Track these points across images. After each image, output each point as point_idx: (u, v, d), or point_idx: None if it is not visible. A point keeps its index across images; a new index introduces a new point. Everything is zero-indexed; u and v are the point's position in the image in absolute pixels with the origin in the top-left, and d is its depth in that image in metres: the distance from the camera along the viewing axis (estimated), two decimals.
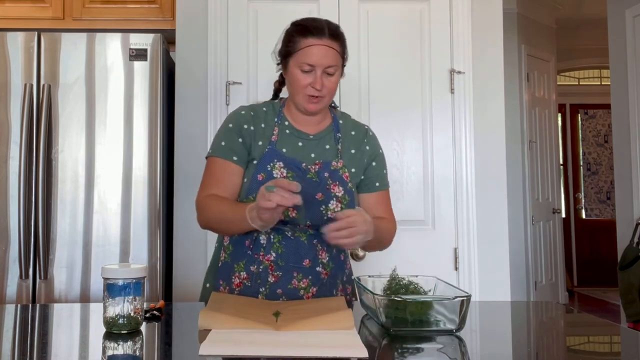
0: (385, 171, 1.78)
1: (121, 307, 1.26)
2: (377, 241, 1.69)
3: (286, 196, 1.36)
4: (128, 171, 2.44)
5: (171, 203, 2.63)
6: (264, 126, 1.68)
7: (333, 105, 1.79)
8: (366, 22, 2.70)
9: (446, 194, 2.66)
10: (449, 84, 2.68)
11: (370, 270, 2.02)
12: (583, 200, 7.76)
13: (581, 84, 7.80)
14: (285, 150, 1.65)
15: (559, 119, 6.84)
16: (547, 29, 5.36)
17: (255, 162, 1.64)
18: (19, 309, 1.62)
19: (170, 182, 2.64)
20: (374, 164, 1.74)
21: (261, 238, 1.62)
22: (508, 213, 2.71)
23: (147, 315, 1.40)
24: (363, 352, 1.10)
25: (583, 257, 7.61)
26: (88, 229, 2.41)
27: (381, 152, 1.78)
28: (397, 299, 1.29)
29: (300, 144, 1.68)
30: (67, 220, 2.41)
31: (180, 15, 2.71)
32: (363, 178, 1.73)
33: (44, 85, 2.43)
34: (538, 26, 5.18)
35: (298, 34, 1.62)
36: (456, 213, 2.65)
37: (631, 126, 3.90)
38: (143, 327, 1.32)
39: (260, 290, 1.60)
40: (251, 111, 1.71)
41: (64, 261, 2.40)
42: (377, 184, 1.74)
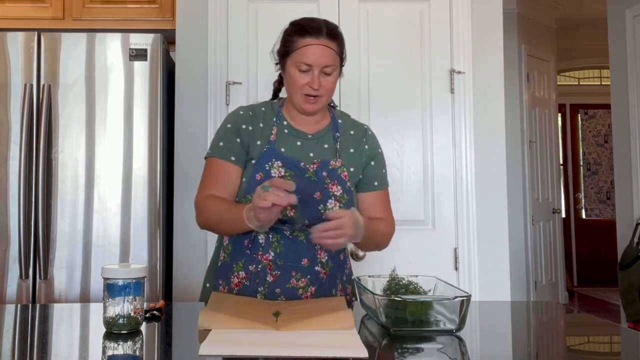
0: (385, 171, 1.77)
1: (121, 307, 1.26)
2: (372, 243, 1.71)
3: (281, 195, 1.37)
4: (128, 171, 2.44)
5: (171, 203, 2.63)
6: (262, 126, 1.69)
7: (332, 105, 1.79)
8: (366, 22, 2.70)
9: (446, 194, 2.66)
10: (449, 84, 2.68)
11: (370, 270, 2.02)
12: (583, 200, 7.76)
13: (581, 84, 7.80)
14: (283, 150, 1.66)
15: (559, 119, 6.84)
16: (547, 29, 5.36)
17: (253, 162, 1.65)
18: (19, 309, 1.62)
19: (170, 182, 2.64)
20: (372, 163, 1.74)
21: (260, 237, 1.62)
22: (508, 213, 2.71)
23: (147, 315, 1.40)
24: (363, 352, 1.10)
25: (583, 257, 7.61)
26: (88, 229, 2.41)
27: (380, 152, 1.78)
28: (397, 299, 1.29)
29: (299, 143, 1.68)
30: (67, 220, 2.41)
31: (180, 15, 2.71)
32: (362, 177, 1.72)
33: (44, 85, 2.43)
34: (538, 26, 5.18)
35: (296, 33, 1.62)
36: (456, 213, 2.65)
37: (631, 126, 3.90)
38: (143, 327, 1.32)
39: (259, 289, 1.61)
40: (250, 111, 1.72)
41: (64, 261, 2.40)
42: (376, 183, 1.74)
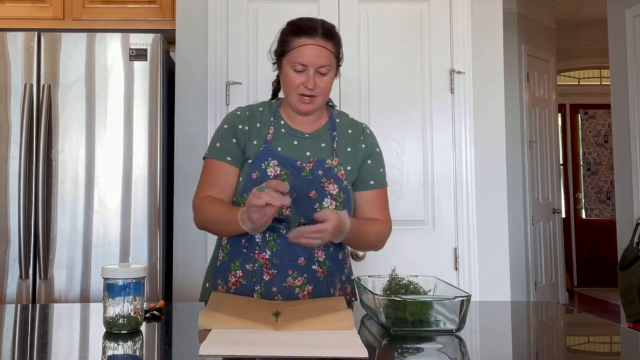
0: (382, 170, 1.76)
1: (121, 307, 1.26)
2: (361, 245, 1.73)
3: (275, 196, 1.39)
4: (128, 171, 2.44)
5: (171, 203, 2.63)
6: (259, 126, 1.70)
7: (331, 105, 1.79)
8: (366, 22, 2.70)
9: (446, 194, 2.66)
10: (449, 84, 2.68)
11: (370, 270, 2.02)
12: (583, 200, 7.76)
13: (581, 84, 7.80)
14: (280, 149, 1.67)
15: (559, 119, 6.84)
16: (547, 29, 5.36)
17: (250, 161, 1.66)
18: (19, 309, 1.62)
19: (170, 182, 2.64)
20: (369, 162, 1.73)
21: (256, 237, 1.63)
22: (508, 213, 2.71)
23: (147, 315, 1.40)
24: (363, 352, 1.10)
25: (583, 257, 7.61)
26: (88, 229, 2.41)
27: (378, 151, 1.77)
28: (397, 299, 1.29)
29: (296, 142, 1.69)
30: (67, 220, 2.41)
31: (180, 15, 2.71)
32: (358, 176, 1.72)
33: (44, 85, 2.43)
34: (538, 26, 5.18)
35: (292, 33, 1.63)
36: (456, 213, 2.65)
37: (631, 126, 3.90)
38: (143, 327, 1.32)
39: (256, 288, 1.61)
40: (247, 111, 1.73)
41: (64, 261, 2.40)
42: (372, 182, 1.73)
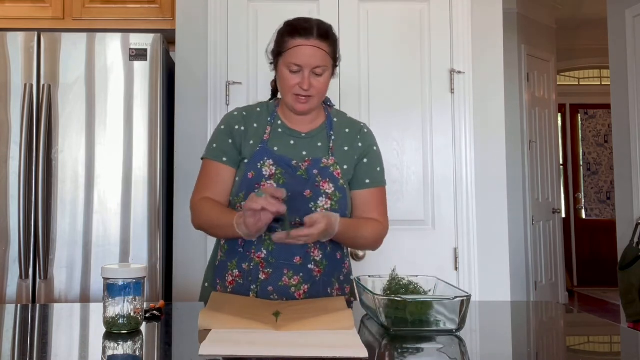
0: (380, 169, 1.75)
1: (121, 307, 1.26)
2: (354, 246, 1.75)
3: (272, 202, 1.42)
4: (128, 171, 2.44)
5: (171, 203, 2.63)
6: (256, 126, 1.71)
7: (329, 104, 1.79)
8: (366, 22, 2.70)
9: (446, 194, 2.66)
10: (449, 84, 2.68)
11: (370, 270, 2.02)
12: (583, 200, 7.76)
13: (581, 84, 7.80)
14: (276, 149, 1.67)
15: (559, 119, 6.84)
16: (547, 29, 5.35)
17: (246, 161, 1.67)
18: (19, 309, 1.62)
19: (170, 182, 2.64)
20: (365, 160, 1.73)
21: None
22: (508, 213, 2.71)
23: (147, 315, 1.40)
24: (363, 352, 1.10)
25: (583, 257, 7.61)
26: (88, 229, 2.41)
27: (375, 150, 1.76)
28: (397, 299, 1.29)
29: (292, 142, 1.70)
30: (67, 220, 2.41)
31: (180, 15, 2.71)
32: (354, 174, 1.71)
33: (44, 85, 2.43)
34: (538, 26, 5.18)
35: (287, 34, 1.64)
36: (456, 213, 2.65)
37: (631, 126, 3.90)
38: (143, 327, 1.32)
39: (252, 287, 1.62)
40: (244, 112, 1.75)
41: (64, 261, 2.40)
42: (367, 181, 1.72)
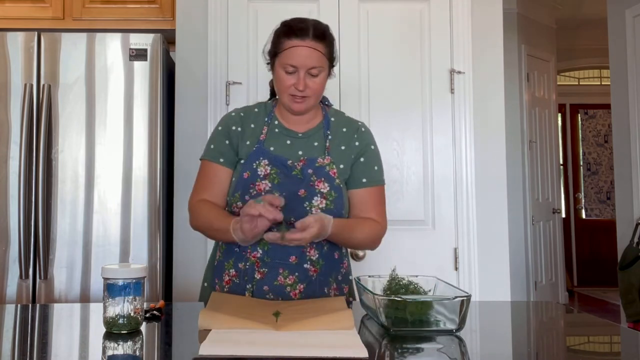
0: (377, 168, 1.74)
1: (121, 307, 1.26)
2: (349, 246, 1.75)
3: (270, 209, 1.43)
4: (128, 171, 2.44)
5: (171, 203, 2.63)
6: (253, 126, 1.72)
7: (327, 103, 1.79)
8: (366, 22, 2.70)
9: (446, 194, 2.66)
10: (449, 84, 2.68)
11: (370, 270, 2.02)
12: (583, 200, 7.76)
13: (581, 84, 7.80)
14: (272, 149, 1.68)
15: (559, 119, 6.84)
16: (547, 29, 5.35)
17: (242, 162, 1.68)
18: (19, 309, 1.62)
19: (170, 182, 2.64)
20: (362, 159, 1.72)
21: None
22: (508, 213, 2.71)
23: (147, 315, 1.40)
24: (363, 352, 1.10)
25: (583, 257, 7.61)
26: (88, 229, 2.41)
27: (373, 149, 1.76)
28: (397, 299, 1.29)
29: (289, 142, 1.70)
30: (67, 220, 2.41)
31: (180, 15, 2.71)
32: (350, 173, 1.71)
33: (44, 85, 2.43)
34: (538, 26, 5.18)
35: (283, 34, 1.64)
36: (456, 213, 2.65)
37: (631, 126, 3.90)
38: (143, 327, 1.32)
39: (247, 287, 1.62)
40: (241, 112, 1.76)
41: (64, 261, 2.40)
42: (364, 180, 1.71)
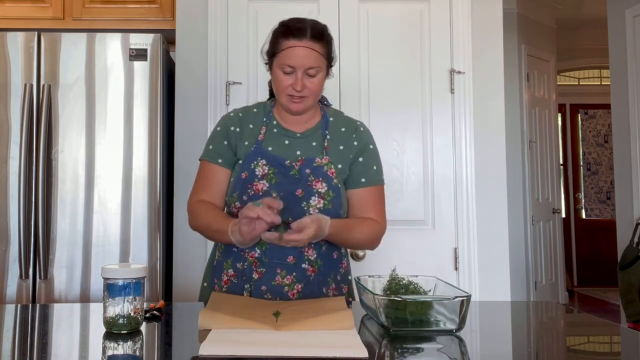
0: (376, 167, 1.74)
1: (121, 307, 1.26)
2: (348, 246, 1.75)
3: (268, 212, 1.45)
4: (128, 171, 2.44)
5: (171, 203, 2.63)
6: (252, 127, 1.72)
7: (325, 103, 1.79)
8: (366, 22, 2.70)
9: (446, 194, 2.66)
10: (449, 84, 2.68)
11: (370, 270, 2.02)
12: (583, 200, 7.76)
13: (581, 84, 7.80)
14: (270, 149, 1.68)
15: (559, 119, 6.84)
16: (547, 29, 5.35)
17: (240, 162, 1.68)
18: (19, 309, 1.62)
19: (170, 182, 2.64)
20: (360, 159, 1.72)
21: None
22: (508, 213, 2.71)
23: (147, 315, 1.40)
24: (363, 352, 1.10)
25: (583, 257, 7.61)
26: (88, 229, 2.41)
27: (372, 148, 1.75)
28: (397, 299, 1.29)
29: (287, 142, 1.70)
30: (67, 220, 2.41)
31: (180, 15, 2.71)
32: (349, 173, 1.71)
33: (44, 85, 2.43)
34: (538, 26, 5.18)
35: (281, 35, 1.64)
36: (456, 213, 2.65)
37: (631, 126, 3.90)
38: (143, 327, 1.32)
39: (245, 287, 1.63)
40: (240, 113, 1.76)
41: (64, 261, 2.40)
42: (363, 179, 1.71)
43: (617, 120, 4.09)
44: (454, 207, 2.65)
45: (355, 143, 1.73)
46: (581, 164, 7.81)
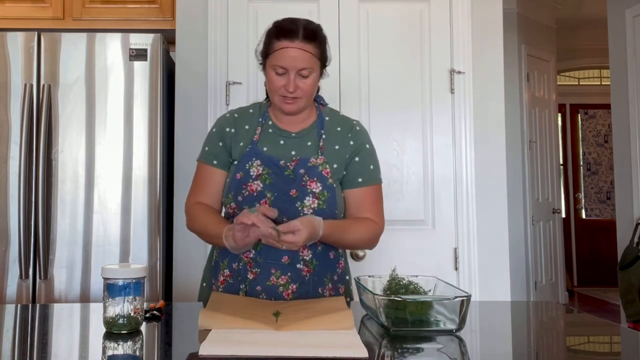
0: (373, 167, 1.73)
1: (121, 307, 1.26)
2: (349, 245, 1.75)
3: (263, 220, 1.45)
4: (128, 171, 2.44)
5: (171, 203, 2.63)
6: (247, 127, 1.72)
7: (322, 103, 1.79)
8: (366, 22, 2.70)
9: (446, 194, 2.66)
10: (449, 84, 2.68)
11: (370, 270, 2.02)
12: (583, 200, 7.76)
13: (581, 84, 7.80)
14: (266, 149, 1.68)
15: (559, 119, 6.84)
16: (547, 29, 5.35)
17: (236, 163, 1.68)
18: (19, 309, 1.62)
19: (170, 182, 2.64)
20: (356, 159, 1.71)
21: None
22: (508, 213, 2.70)
23: (147, 315, 1.40)
24: (363, 352, 1.10)
25: (583, 257, 7.61)
26: (88, 229, 2.41)
27: (368, 148, 1.74)
28: (397, 299, 1.29)
29: (282, 142, 1.70)
30: (67, 220, 2.41)
31: (180, 15, 2.71)
32: (345, 173, 1.70)
33: (44, 85, 2.43)
34: (538, 26, 5.18)
35: (274, 35, 1.63)
36: (456, 213, 2.65)
37: (631, 126, 3.90)
38: (143, 327, 1.32)
39: (241, 287, 1.63)
40: (235, 114, 1.76)
41: (64, 261, 2.40)
42: (360, 179, 1.70)
43: (617, 120, 4.09)
44: (454, 207, 2.65)
45: (351, 142, 1.72)
46: (581, 164, 7.81)
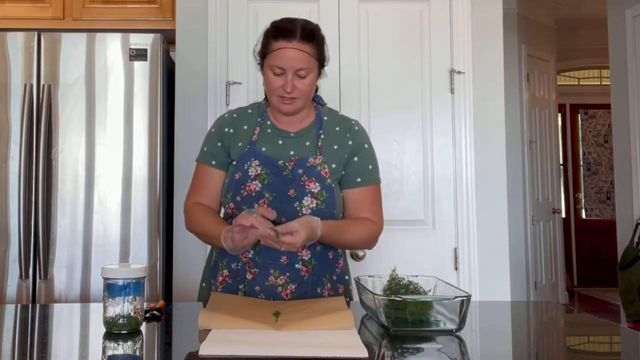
0: (372, 167, 1.73)
1: (121, 307, 1.26)
2: (348, 245, 1.75)
3: (262, 221, 1.45)
4: (128, 171, 2.44)
5: (171, 203, 2.63)
6: (246, 128, 1.72)
7: (320, 102, 1.79)
8: (366, 22, 2.70)
9: (446, 194, 2.66)
10: (449, 84, 2.68)
11: (370, 270, 2.02)
12: (583, 200, 7.76)
13: (581, 84, 7.80)
14: (264, 149, 1.68)
15: (559, 119, 6.84)
16: (547, 29, 5.36)
17: (234, 163, 1.68)
18: (19, 309, 1.62)
19: (170, 182, 2.64)
20: (355, 159, 1.71)
21: None
22: (508, 213, 2.70)
23: (147, 315, 1.40)
24: (363, 352, 1.10)
25: (583, 257, 7.61)
26: (88, 229, 2.41)
27: (367, 147, 1.74)
28: (397, 299, 1.29)
29: (281, 142, 1.70)
30: (67, 220, 2.41)
31: (180, 15, 2.71)
32: (344, 173, 1.70)
33: (44, 85, 2.43)
34: (538, 26, 5.18)
35: (271, 35, 1.64)
36: (456, 213, 2.65)
37: (631, 126, 3.90)
38: (143, 327, 1.32)
39: (240, 287, 1.63)
40: (234, 114, 1.76)
41: (64, 261, 2.40)
42: (359, 179, 1.70)
43: (617, 120, 4.09)
44: (454, 207, 2.65)
45: (350, 142, 1.72)
46: (581, 164, 7.81)
